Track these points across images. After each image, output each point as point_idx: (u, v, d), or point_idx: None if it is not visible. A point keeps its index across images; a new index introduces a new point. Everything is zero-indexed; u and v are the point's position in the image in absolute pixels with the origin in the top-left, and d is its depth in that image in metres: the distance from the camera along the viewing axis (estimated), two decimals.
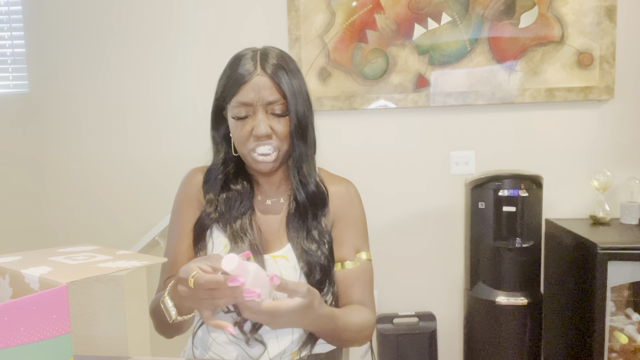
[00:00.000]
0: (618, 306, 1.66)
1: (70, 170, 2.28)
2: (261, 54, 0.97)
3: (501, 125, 2.03)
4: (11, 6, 2.26)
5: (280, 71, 0.95)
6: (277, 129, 0.95)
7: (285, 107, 0.95)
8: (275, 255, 0.98)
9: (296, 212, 1.00)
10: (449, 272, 2.11)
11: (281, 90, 0.94)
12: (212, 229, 1.01)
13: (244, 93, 0.94)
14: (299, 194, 0.99)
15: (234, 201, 1.02)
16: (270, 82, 0.94)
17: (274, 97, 0.94)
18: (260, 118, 0.93)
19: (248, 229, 0.99)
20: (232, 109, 0.96)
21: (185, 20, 2.14)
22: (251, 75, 0.94)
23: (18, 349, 0.52)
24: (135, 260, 0.71)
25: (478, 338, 1.88)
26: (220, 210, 1.01)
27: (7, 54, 2.28)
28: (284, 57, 0.99)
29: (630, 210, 1.85)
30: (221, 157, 1.04)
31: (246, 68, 0.95)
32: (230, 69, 0.97)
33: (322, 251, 0.98)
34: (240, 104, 0.94)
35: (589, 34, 1.92)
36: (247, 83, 0.93)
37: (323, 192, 1.02)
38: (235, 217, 1.00)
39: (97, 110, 2.24)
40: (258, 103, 0.94)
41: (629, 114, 1.97)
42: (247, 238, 0.97)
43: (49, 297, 0.54)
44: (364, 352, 2.14)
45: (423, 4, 1.98)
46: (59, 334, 0.55)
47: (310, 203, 1.00)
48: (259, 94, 0.93)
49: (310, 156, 1.01)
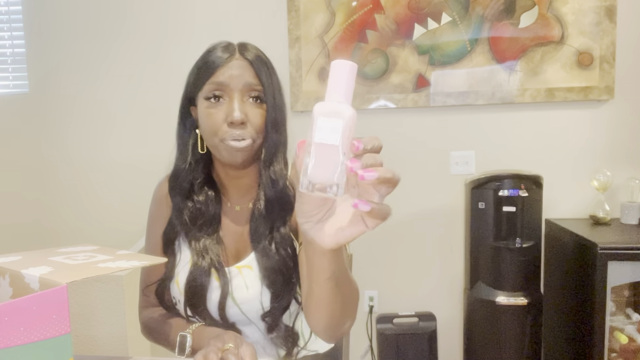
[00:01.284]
0: (618, 306, 1.66)
1: (70, 169, 2.28)
2: (239, 44, 0.93)
3: (501, 125, 2.03)
4: (11, 6, 2.26)
5: (260, 61, 0.91)
6: (253, 117, 0.89)
7: (262, 94, 0.90)
8: (240, 266, 0.94)
9: (261, 216, 0.93)
10: (449, 272, 2.11)
11: (259, 77, 0.89)
12: (180, 240, 0.98)
13: (219, 74, 0.88)
14: (267, 191, 0.92)
15: (200, 214, 0.96)
16: (250, 67, 0.89)
17: (253, 80, 0.89)
18: (236, 104, 0.87)
19: (211, 247, 0.94)
20: (205, 92, 0.90)
21: (185, 20, 2.14)
22: (229, 59, 0.89)
23: (18, 349, 0.52)
24: (135, 260, 0.71)
25: (478, 338, 1.88)
26: (184, 222, 0.96)
27: (7, 54, 2.28)
28: (263, 53, 0.95)
29: (630, 210, 1.85)
30: (186, 157, 0.97)
31: (222, 54, 0.90)
32: (204, 57, 0.92)
33: (284, 257, 0.91)
34: (215, 84, 0.88)
35: (588, 34, 1.92)
36: (224, 66, 0.88)
37: (291, 194, 0.94)
38: (199, 234, 0.95)
39: (97, 110, 2.24)
40: (235, 86, 0.88)
41: (629, 114, 1.97)
42: (209, 256, 0.93)
43: (49, 297, 0.54)
44: (364, 352, 2.15)
45: (423, 4, 1.98)
46: (59, 334, 0.55)
47: (277, 203, 0.93)
48: (236, 75, 0.88)
49: (282, 154, 0.94)
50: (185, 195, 0.97)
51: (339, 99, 0.48)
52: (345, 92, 0.48)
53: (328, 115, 0.47)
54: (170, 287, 0.97)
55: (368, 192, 0.51)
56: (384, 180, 0.49)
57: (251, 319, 0.94)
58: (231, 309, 0.93)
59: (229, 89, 0.88)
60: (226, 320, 0.94)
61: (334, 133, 0.47)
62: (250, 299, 0.91)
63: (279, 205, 0.93)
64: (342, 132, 0.47)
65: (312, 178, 0.47)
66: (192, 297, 0.93)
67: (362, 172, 0.48)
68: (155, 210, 1.05)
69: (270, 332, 0.95)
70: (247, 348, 0.80)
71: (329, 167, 0.47)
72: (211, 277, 0.93)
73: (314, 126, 0.47)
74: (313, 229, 0.55)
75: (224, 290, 0.92)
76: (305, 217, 0.55)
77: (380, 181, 0.48)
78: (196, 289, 0.93)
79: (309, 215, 0.55)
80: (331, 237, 0.54)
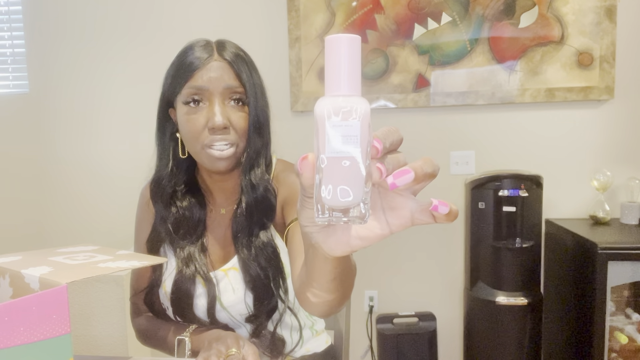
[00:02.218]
0: (618, 306, 1.66)
1: (70, 169, 2.28)
2: (217, 42, 0.89)
3: (501, 125, 2.03)
4: (11, 6, 2.26)
5: (240, 60, 0.86)
6: (235, 121, 0.85)
7: (244, 96, 0.86)
8: (226, 269, 0.93)
9: (242, 220, 0.91)
10: (449, 272, 2.11)
11: (240, 79, 0.85)
12: (165, 247, 0.97)
13: (198, 77, 0.84)
14: (247, 196, 0.89)
15: (183, 220, 0.94)
16: (229, 68, 0.85)
17: (233, 83, 0.84)
18: (217, 108, 0.83)
19: (195, 255, 0.92)
20: (184, 96, 0.85)
21: (185, 20, 2.14)
22: (207, 60, 0.84)
23: (18, 349, 0.52)
24: (135, 260, 0.71)
25: (478, 338, 1.88)
26: (167, 230, 0.94)
27: (7, 54, 2.28)
28: (242, 50, 0.90)
29: (630, 210, 1.85)
30: (167, 163, 0.94)
31: (200, 54, 0.85)
32: (180, 57, 0.88)
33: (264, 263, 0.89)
34: (193, 88, 0.84)
35: (589, 34, 1.92)
36: (202, 68, 0.84)
37: (272, 199, 0.91)
38: (183, 241, 0.93)
39: (97, 110, 2.24)
40: (215, 89, 0.84)
41: (629, 114, 1.97)
42: (194, 263, 0.92)
43: (49, 297, 0.54)
44: (364, 352, 2.15)
45: (423, 4, 1.98)
46: (59, 334, 0.55)
47: (257, 208, 0.90)
48: (216, 78, 0.83)
49: (263, 157, 0.91)
50: (168, 202, 0.95)
51: (344, 90, 0.35)
52: (349, 79, 0.35)
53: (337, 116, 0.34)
54: (158, 293, 0.96)
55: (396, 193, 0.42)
56: (424, 178, 0.39)
57: (239, 322, 0.94)
58: (220, 313, 0.92)
59: (208, 93, 0.85)
60: (218, 323, 0.94)
61: (349, 140, 0.34)
62: (236, 302, 0.91)
63: (259, 209, 0.90)
64: (359, 136, 0.34)
65: (331, 203, 0.36)
66: (178, 305, 0.93)
67: (393, 179, 0.38)
68: (140, 215, 1.03)
69: (254, 337, 0.94)
70: (249, 348, 0.79)
71: (350, 184, 0.35)
72: (197, 284, 0.92)
73: (321, 135, 0.35)
74: (320, 234, 0.45)
75: (212, 296, 0.91)
76: (309, 222, 0.45)
77: (420, 180, 0.39)
78: (182, 297, 0.92)
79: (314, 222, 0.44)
80: (342, 245, 0.45)
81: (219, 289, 0.92)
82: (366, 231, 0.43)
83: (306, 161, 0.37)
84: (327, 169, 0.35)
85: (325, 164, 0.35)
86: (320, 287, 0.59)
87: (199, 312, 0.93)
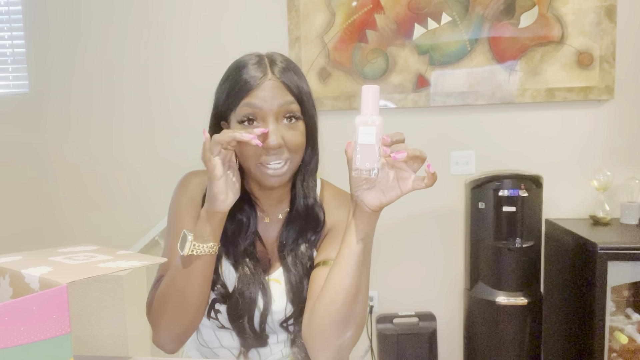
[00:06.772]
0: (618, 306, 1.66)
1: (70, 169, 2.28)
2: (268, 58, 0.90)
3: (501, 125, 2.03)
4: (11, 6, 2.26)
5: (290, 73, 0.89)
6: (289, 139, 0.87)
7: (299, 110, 0.88)
8: (270, 279, 0.94)
9: (289, 230, 0.95)
10: (449, 272, 2.11)
11: (294, 93, 0.88)
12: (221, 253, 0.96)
13: (253, 96, 0.85)
14: (298, 204, 0.94)
15: (238, 229, 0.95)
16: (283, 86, 0.87)
17: (289, 99, 0.87)
18: (271, 127, 0.85)
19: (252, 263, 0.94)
20: (238, 115, 0.87)
21: (185, 20, 2.14)
22: (262, 79, 0.86)
23: (18, 349, 0.52)
24: (135, 260, 0.70)
25: (478, 338, 1.88)
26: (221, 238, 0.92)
27: (7, 54, 2.28)
28: (291, 61, 0.93)
29: (630, 210, 1.85)
30: None
31: (255, 73, 0.87)
32: (236, 74, 0.89)
33: (303, 273, 0.93)
34: (248, 106, 0.86)
35: (589, 34, 1.92)
36: (257, 87, 0.85)
37: (320, 212, 0.95)
38: (240, 248, 0.95)
39: (97, 110, 2.24)
40: (269, 109, 0.85)
41: (628, 114, 1.97)
42: (253, 270, 0.93)
43: (49, 297, 0.54)
44: (364, 352, 2.15)
45: (423, 4, 1.98)
46: (59, 334, 0.55)
47: (307, 218, 0.94)
48: (271, 97, 0.85)
49: (315, 168, 0.96)
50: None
51: (371, 112, 0.69)
52: (373, 107, 0.69)
53: (365, 124, 0.68)
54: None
55: (403, 169, 0.72)
56: (412, 157, 0.70)
57: (276, 331, 0.95)
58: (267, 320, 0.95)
59: (262, 112, 0.86)
60: (263, 331, 0.95)
61: (370, 136, 0.68)
62: (277, 311, 0.93)
63: (308, 219, 0.95)
64: (376, 134, 0.68)
65: (359, 166, 0.69)
66: (235, 310, 0.92)
67: (394, 154, 0.69)
68: (184, 200, 1.00)
69: (292, 345, 0.97)
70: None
71: (369, 158, 0.68)
72: (258, 290, 0.93)
73: (357, 132, 0.68)
74: (363, 194, 0.74)
75: (266, 303, 0.92)
76: (356, 186, 0.74)
77: (410, 158, 0.70)
78: (245, 303, 0.92)
79: (359, 185, 0.74)
80: (375, 200, 0.74)
81: (272, 296, 0.93)
82: (389, 193, 0.73)
83: (349, 144, 0.72)
84: (358, 149, 0.69)
85: (357, 147, 0.69)
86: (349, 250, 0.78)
87: (255, 317, 0.93)
